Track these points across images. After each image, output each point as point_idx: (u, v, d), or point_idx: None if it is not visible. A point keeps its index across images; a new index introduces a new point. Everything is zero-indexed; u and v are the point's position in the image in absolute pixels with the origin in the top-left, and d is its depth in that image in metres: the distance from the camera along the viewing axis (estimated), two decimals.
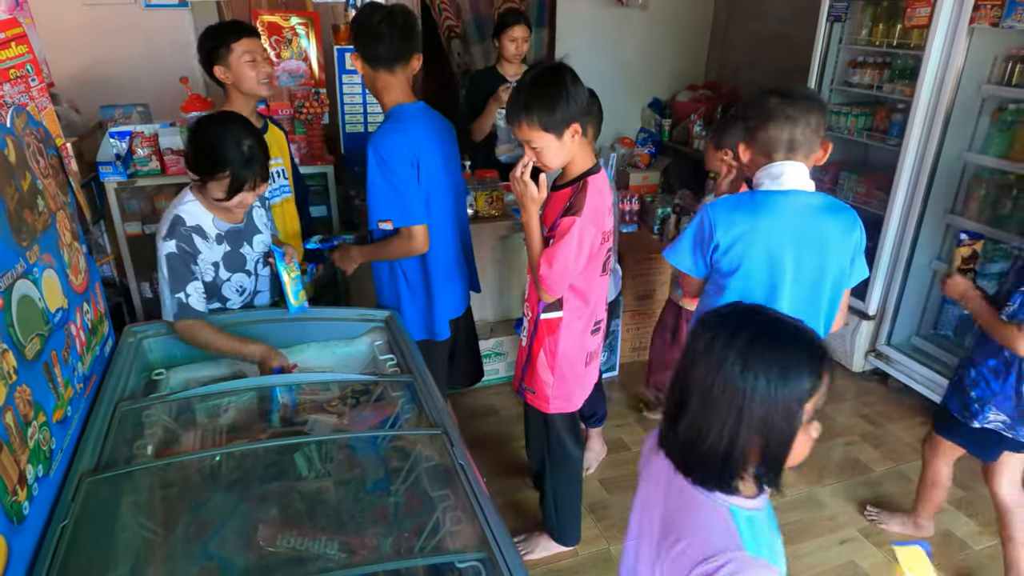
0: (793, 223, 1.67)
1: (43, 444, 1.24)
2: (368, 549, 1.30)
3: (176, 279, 1.75)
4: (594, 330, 2.01)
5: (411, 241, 2.00)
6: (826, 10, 3.35)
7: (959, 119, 2.92)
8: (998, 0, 2.59)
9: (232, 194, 1.71)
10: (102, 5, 3.76)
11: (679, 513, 1.04)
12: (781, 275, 1.70)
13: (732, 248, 1.70)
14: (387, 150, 1.93)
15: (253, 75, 2.14)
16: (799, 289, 1.72)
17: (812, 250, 1.69)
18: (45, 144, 1.55)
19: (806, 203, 1.68)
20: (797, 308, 1.72)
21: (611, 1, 4.85)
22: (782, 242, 1.68)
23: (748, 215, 1.68)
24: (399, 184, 1.95)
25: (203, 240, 1.80)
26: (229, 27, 2.18)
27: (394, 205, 1.97)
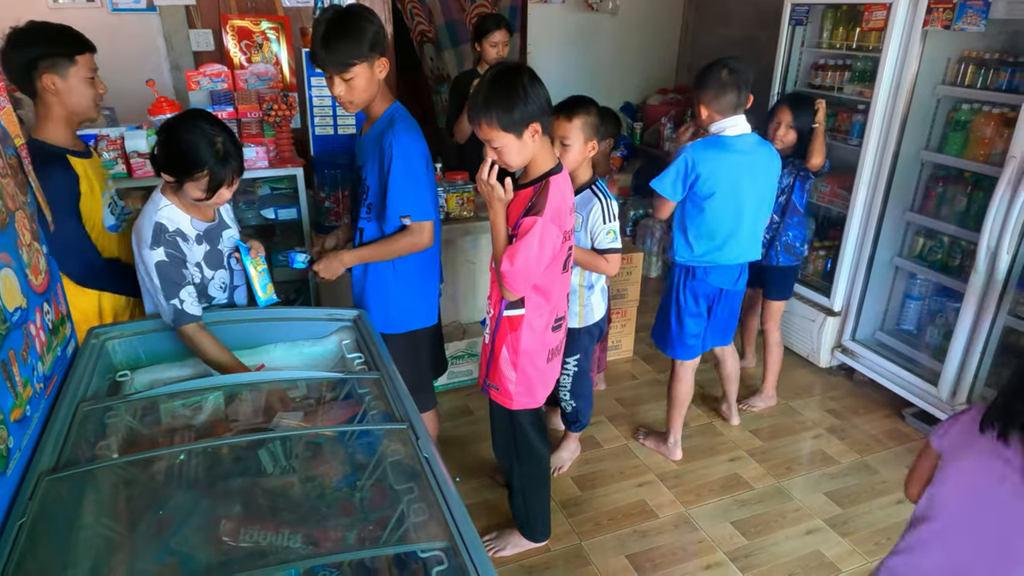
0: (746, 157, 2.40)
1: (0, 443, 1.23)
2: (332, 541, 1.30)
3: (169, 286, 1.75)
4: (555, 326, 2.03)
5: (421, 235, 2.02)
6: (788, 14, 3.43)
7: (916, 119, 3.00)
8: (949, 3, 2.68)
9: (212, 192, 1.71)
10: (69, 9, 3.73)
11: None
12: (741, 195, 2.41)
13: (708, 178, 2.36)
14: (411, 147, 1.96)
15: (92, 94, 1.95)
16: (753, 203, 2.45)
17: (758, 174, 2.44)
18: (3, 144, 1.54)
19: (751, 142, 2.42)
20: (752, 217, 2.47)
21: (581, 7, 4.91)
22: (740, 171, 2.39)
23: (718, 152, 2.37)
24: (420, 180, 1.99)
25: (185, 243, 1.80)
26: (75, 36, 1.92)
27: (415, 200, 1.99)
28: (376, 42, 1.88)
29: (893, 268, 3.30)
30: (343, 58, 1.85)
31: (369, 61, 1.89)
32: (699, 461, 2.85)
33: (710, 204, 2.41)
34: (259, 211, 2.95)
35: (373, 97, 1.98)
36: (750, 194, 2.43)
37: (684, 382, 2.75)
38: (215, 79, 2.87)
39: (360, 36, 1.84)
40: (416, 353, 2.25)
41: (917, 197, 3.15)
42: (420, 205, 2.00)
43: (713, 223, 2.44)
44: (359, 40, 1.84)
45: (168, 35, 3.95)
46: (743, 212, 2.44)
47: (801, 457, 2.88)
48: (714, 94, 2.35)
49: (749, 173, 2.41)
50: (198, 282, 1.84)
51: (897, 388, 3.15)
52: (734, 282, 2.57)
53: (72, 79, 1.89)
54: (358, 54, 1.86)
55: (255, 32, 4.05)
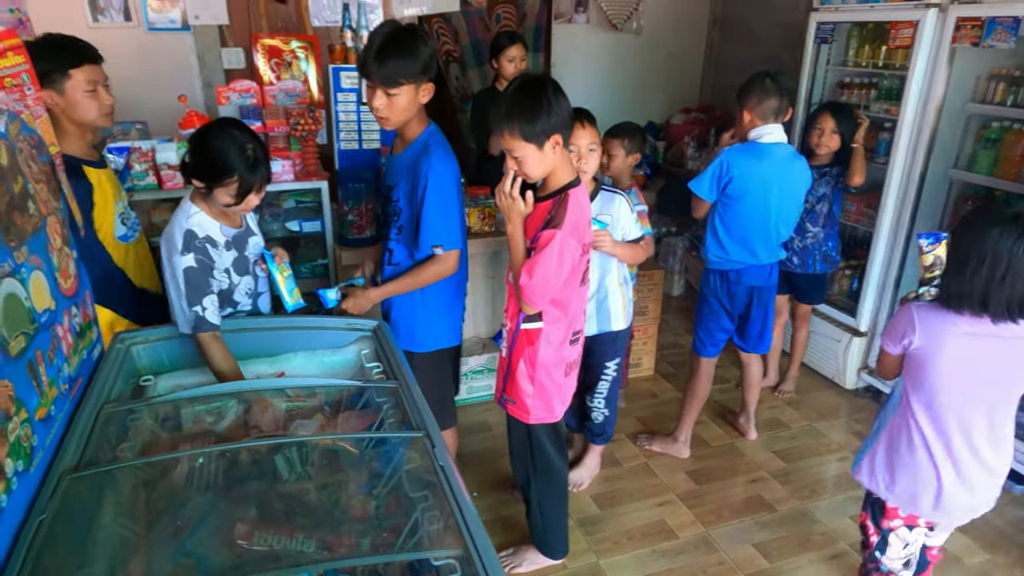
0: (778, 165, 2.52)
1: (24, 440, 1.25)
2: (345, 547, 1.30)
3: (193, 292, 1.77)
4: (573, 340, 2.02)
5: (447, 264, 2.02)
6: (813, 32, 3.42)
7: (944, 137, 2.96)
8: (978, 21, 2.65)
9: (241, 198, 1.75)
10: (107, 28, 3.86)
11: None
12: (767, 200, 2.53)
13: (740, 180, 2.50)
14: (446, 176, 1.95)
15: (94, 105, 1.93)
16: (778, 209, 2.57)
17: (788, 184, 2.56)
18: (38, 151, 1.59)
19: (784, 152, 2.55)
20: (778, 221, 2.59)
21: (605, 27, 4.95)
22: (771, 177, 2.51)
23: (753, 158, 2.51)
24: (452, 209, 1.99)
25: (215, 249, 1.84)
26: (68, 49, 1.89)
27: (447, 230, 1.98)
28: (427, 66, 1.88)
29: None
30: (394, 74, 1.83)
31: (417, 83, 1.88)
32: (720, 481, 2.80)
33: (741, 206, 2.54)
34: (284, 223, 3.00)
35: (411, 118, 1.97)
36: (777, 200, 2.55)
37: (705, 379, 2.83)
38: (244, 94, 2.94)
39: (415, 56, 1.83)
40: (440, 371, 2.25)
41: (946, 216, 3.10)
42: (451, 235, 2.00)
43: (744, 225, 2.57)
44: (414, 60, 1.83)
45: (201, 53, 4.06)
46: (769, 217, 2.56)
47: (826, 480, 2.81)
48: (757, 99, 2.49)
49: (779, 181, 2.53)
50: (226, 287, 1.87)
51: None
52: (766, 278, 2.69)
53: (70, 93, 1.88)
54: (409, 73, 1.84)
55: (285, 51, 4.14)
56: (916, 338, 1.67)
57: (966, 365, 1.64)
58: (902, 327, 1.71)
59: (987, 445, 1.71)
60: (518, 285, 1.88)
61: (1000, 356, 1.63)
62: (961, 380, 1.66)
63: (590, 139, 2.25)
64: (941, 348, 1.65)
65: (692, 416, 2.89)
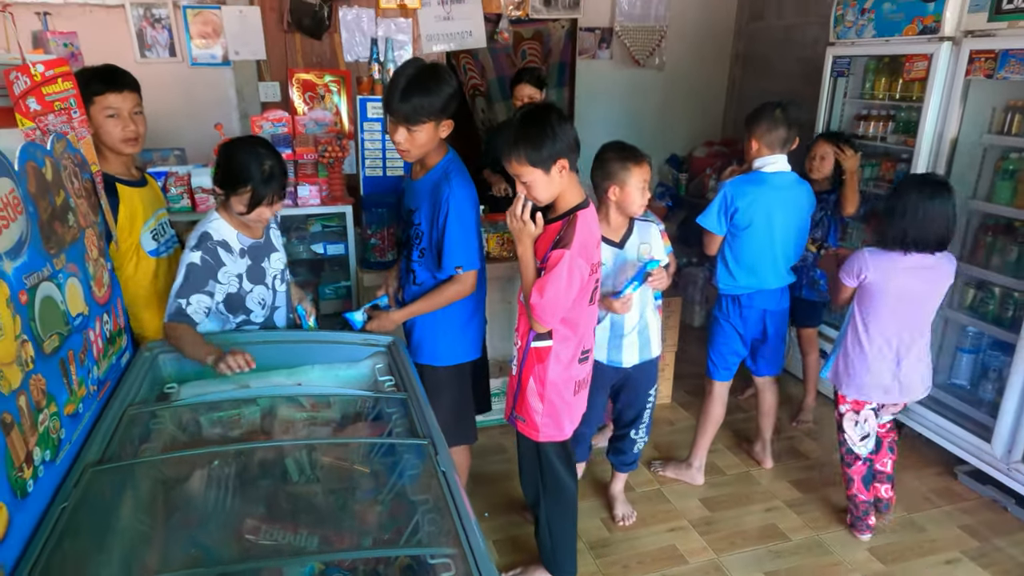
0: (781, 193, 2.58)
1: (52, 432, 1.34)
2: (347, 544, 1.35)
3: (186, 286, 1.88)
4: (582, 359, 2.06)
5: (467, 283, 2.09)
6: (830, 66, 3.48)
7: (961, 168, 2.97)
8: (991, 53, 2.68)
9: (251, 208, 1.86)
10: (154, 63, 4.09)
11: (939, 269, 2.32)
12: (774, 226, 2.58)
13: (745, 211, 2.55)
14: (465, 201, 2.03)
15: (115, 132, 2.04)
16: (783, 236, 2.62)
17: (792, 210, 2.61)
18: (81, 168, 1.72)
19: (787, 179, 2.61)
20: (784, 247, 2.64)
21: (628, 63, 5.07)
22: (775, 204, 2.57)
23: (755, 187, 2.57)
24: (471, 232, 2.06)
25: (228, 253, 1.95)
26: (96, 77, 2.03)
27: (467, 252, 2.06)
28: (448, 105, 1.96)
29: (943, 320, 3.20)
30: (416, 112, 1.91)
31: (437, 120, 1.97)
32: (734, 509, 2.78)
33: (748, 234, 2.60)
34: (309, 246, 3.12)
35: (431, 151, 2.06)
36: (782, 226, 2.61)
37: (719, 403, 2.85)
38: (276, 123, 3.08)
39: (436, 96, 1.92)
40: (460, 386, 2.30)
41: (966, 247, 3.08)
42: (470, 256, 2.08)
43: (751, 252, 2.61)
44: (435, 99, 1.92)
45: (239, 87, 4.27)
46: (776, 242, 2.62)
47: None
48: (766, 128, 2.55)
49: (783, 207, 2.60)
50: (235, 291, 1.97)
51: (949, 445, 3.01)
52: (777, 302, 2.73)
53: (94, 117, 2.01)
54: (430, 112, 1.93)
55: (318, 84, 4.34)
56: (870, 273, 2.34)
57: (903, 290, 2.33)
58: (857, 266, 2.37)
59: (917, 346, 2.40)
60: (529, 304, 1.94)
61: (923, 281, 2.33)
62: (899, 301, 2.35)
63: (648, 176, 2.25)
64: (887, 279, 2.33)
65: (706, 441, 2.88)
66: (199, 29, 4.12)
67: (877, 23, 3.16)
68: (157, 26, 4.04)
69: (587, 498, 2.80)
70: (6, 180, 1.29)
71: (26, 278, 1.31)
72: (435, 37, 4.52)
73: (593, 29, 4.94)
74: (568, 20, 4.91)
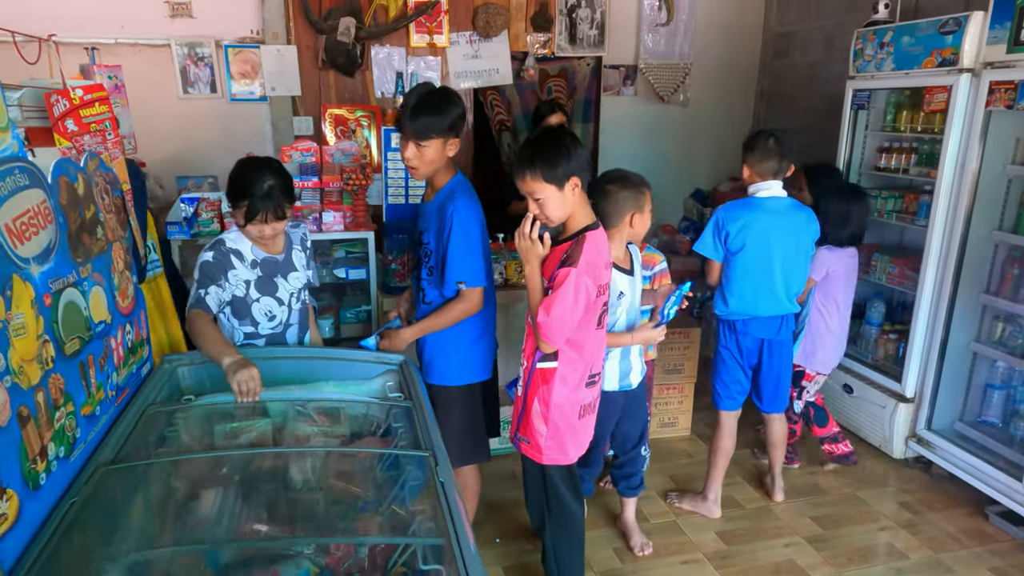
0: (775, 217, 2.58)
1: (68, 430, 1.40)
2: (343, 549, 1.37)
3: (203, 279, 2.00)
4: (589, 383, 2.06)
5: (472, 300, 2.14)
6: (850, 99, 3.49)
7: (985, 199, 2.93)
8: (1011, 84, 2.67)
9: (247, 221, 1.95)
10: (195, 99, 4.30)
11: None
12: (770, 251, 2.57)
13: (738, 235, 2.56)
14: (468, 217, 2.10)
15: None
16: (782, 260, 2.59)
17: (789, 234, 2.59)
18: (112, 186, 1.83)
19: (782, 204, 2.61)
20: (784, 273, 2.61)
21: (652, 99, 5.14)
22: (770, 228, 2.56)
23: (747, 212, 2.59)
24: (476, 248, 2.12)
25: (239, 261, 2.05)
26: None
27: (471, 268, 2.12)
28: (455, 124, 2.08)
29: (971, 354, 3.12)
30: (424, 130, 2.02)
31: (444, 138, 2.07)
32: (751, 544, 2.71)
33: (740, 259, 2.58)
34: (332, 270, 3.21)
35: (439, 169, 2.15)
36: (780, 251, 2.57)
37: (728, 433, 2.80)
38: (305, 153, 3.22)
39: (444, 115, 2.04)
40: (470, 406, 2.33)
41: (993, 279, 3.02)
42: (474, 272, 2.13)
43: (744, 277, 2.58)
44: (442, 118, 2.04)
45: (275, 121, 4.46)
46: (773, 267, 2.57)
47: (865, 548, 2.68)
48: (759, 157, 2.58)
49: (780, 231, 2.57)
50: (240, 296, 2.05)
51: (979, 484, 2.90)
52: (776, 332, 2.68)
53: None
54: (438, 129, 2.04)
55: (350, 119, 4.52)
56: (831, 267, 2.90)
57: (847, 276, 2.95)
58: (824, 264, 2.89)
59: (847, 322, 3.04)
60: (536, 323, 1.96)
61: (854, 268, 2.99)
62: (844, 285, 2.96)
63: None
64: (840, 269, 2.92)
65: (718, 472, 2.83)
66: (239, 67, 4.33)
67: (896, 56, 3.17)
68: (200, 64, 4.27)
69: (599, 527, 2.76)
70: (38, 191, 1.38)
71: (52, 282, 1.39)
72: (463, 74, 4.67)
73: (618, 66, 5.04)
74: (593, 58, 5.02)
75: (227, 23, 4.27)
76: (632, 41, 5.01)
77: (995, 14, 2.72)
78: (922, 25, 3.03)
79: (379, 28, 4.38)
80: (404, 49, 4.49)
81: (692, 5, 5.02)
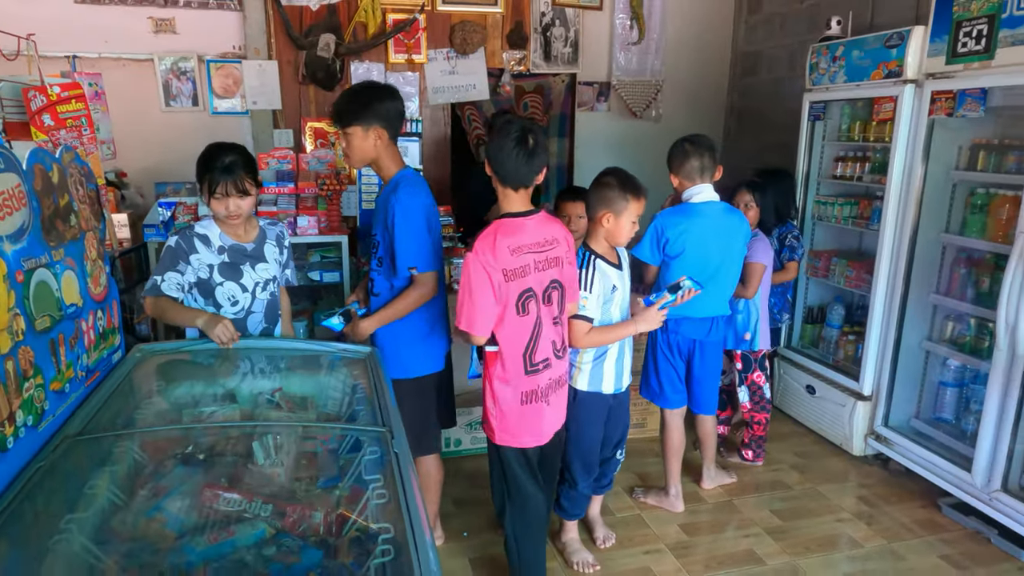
0: (710, 222, 2.65)
1: (36, 401, 1.47)
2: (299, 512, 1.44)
3: (161, 265, 2.11)
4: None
5: (428, 285, 2.23)
6: (807, 110, 3.65)
7: (932, 204, 3.07)
8: (950, 93, 2.83)
9: (210, 196, 2.06)
10: (178, 112, 4.40)
11: None
12: (707, 255, 2.63)
13: (676, 240, 2.62)
14: (410, 204, 2.19)
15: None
16: (718, 263, 2.66)
17: (723, 238, 2.67)
18: (87, 179, 1.91)
19: (716, 209, 2.69)
20: (719, 275, 2.67)
21: (625, 115, 5.30)
22: (707, 233, 2.63)
23: (683, 218, 2.65)
24: (422, 234, 2.21)
25: (204, 246, 2.15)
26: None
27: (419, 252, 2.20)
28: (378, 114, 2.18)
29: (924, 352, 3.24)
30: (341, 115, 2.19)
31: (364, 126, 2.18)
32: (712, 535, 2.78)
33: (679, 263, 2.65)
34: (307, 274, 3.29)
35: (368, 159, 2.25)
36: (716, 254, 2.66)
37: (674, 430, 2.87)
38: (282, 160, 3.32)
39: (366, 104, 2.18)
40: (423, 397, 2.40)
41: (942, 280, 3.15)
42: (424, 257, 2.22)
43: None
44: (363, 107, 2.17)
45: (256, 134, 4.56)
46: (710, 270, 2.63)
47: (822, 538, 2.76)
48: (679, 163, 2.72)
49: (716, 235, 2.65)
50: (205, 278, 2.14)
51: (932, 477, 3.00)
52: (706, 333, 2.76)
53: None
54: (355, 117, 2.18)
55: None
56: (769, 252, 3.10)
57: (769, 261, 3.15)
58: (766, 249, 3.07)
59: None
60: None
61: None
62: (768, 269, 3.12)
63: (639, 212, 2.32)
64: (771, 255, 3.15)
65: (675, 468, 2.90)
66: (221, 82, 4.44)
67: (847, 69, 3.34)
68: (182, 78, 4.38)
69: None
70: (12, 175, 1.47)
71: (24, 261, 1.47)
72: (441, 90, 4.81)
73: (592, 83, 5.20)
74: (568, 75, 5.19)
75: (210, 39, 4.39)
76: (605, 59, 5.18)
77: (935, 28, 2.89)
78: (870, 40, 3.20)
79: (358, 44, 4.52)
80: (383, 65, 4.64)
81: (663, 25, 5.21)
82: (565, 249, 2.14)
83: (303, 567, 1.32)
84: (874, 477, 3.25)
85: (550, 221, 2.14)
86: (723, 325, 2.83)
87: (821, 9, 4.25)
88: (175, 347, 2.22)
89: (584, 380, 2.40)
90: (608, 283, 2.31)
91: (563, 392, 2.24)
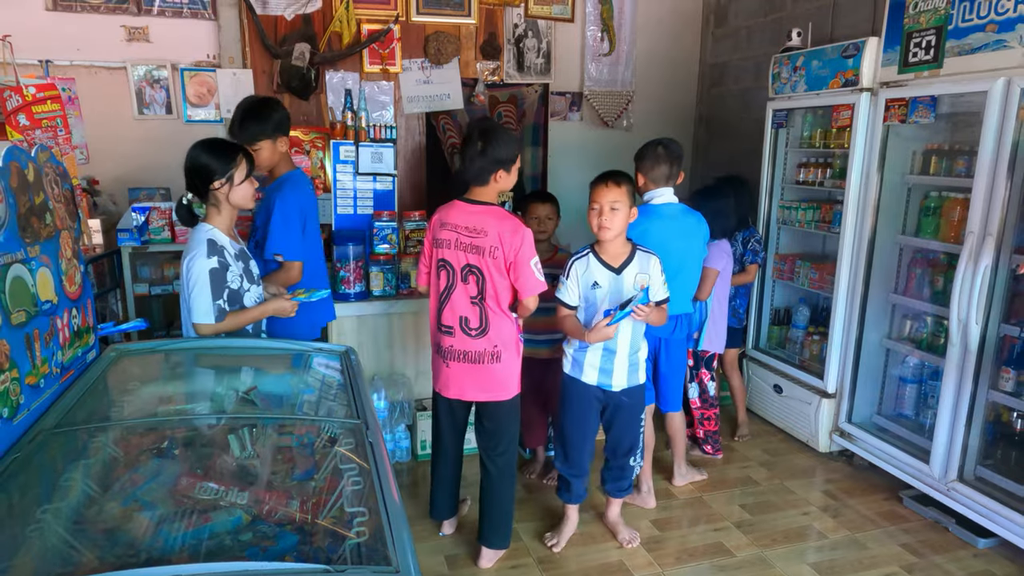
0: (671, 223, 2.74)
1: (11, 394, 1.48)
2: (275, 499, 1.47)
3: (216, 288, 2.12)
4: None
5: (291, 272, 2.49)
6: (770, 118, 3.78)
7: (888, 206, 3.20)
8: (903, 101, 2.96)
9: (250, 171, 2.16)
10: (151, 120, 4.40)
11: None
12: (668, 255, 2.61)
13: (639, 239, 2.55)
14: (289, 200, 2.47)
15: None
16: (679, 263, 2.73)
17: (683, 238, 2.76)
18: (62, 179, 1.93)
19: (676, 210, 2.78)
20: (680, 274, 2.74)
21: (597, 124, 5.41)
22: (668, 233, 2.71)
23: (645, 219, 2.67)
24: (294, 226, 2.45)
25: (229, 257, 2.19)
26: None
27: (287, 242, 2.45)
28: (280, 125, 2.47)
29: (884, 350, 3.36)
30: (251, 137, 2.41)
31: (273, 138, 2.46)
32: (683, 529, 2.85)
33: None
34: None
35: (276, 164, 2.55)
36: (677, 254, 2.72)
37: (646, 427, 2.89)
38: None
39: (267, 120, 2.43)
40: None
41: (900, 280, 3.27)
42: (291, 247, 2.45)
43: None
44: (266, 123, 2.42)
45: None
46: (671, 270, 2.64)
47: (789, 531, 2.84)
48: (650, 165, 2.78)
49: (676, 236, 2.74)
50: (236, 288, 2.19)
51: (893, 470, 3.11)
52: (671, 332, 2.84)
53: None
54: (263, 134, 2.43)
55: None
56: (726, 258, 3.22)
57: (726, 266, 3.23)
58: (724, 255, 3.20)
59: None
60: None
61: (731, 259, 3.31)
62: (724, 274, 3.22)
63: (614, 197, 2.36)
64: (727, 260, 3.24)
65: (647, 466, 2.96)
66: (195, 90, 4.45)
67: (808, 78, 3.47)
68: (156, 86, 4.37)
69: (534, 519, 2.87)
70: None
71: (0, 256, 1.49)
72: (415, 99, 4.87)
73: (564, 93, 5.31)
74: (541, 85, 5.28)
75: (184, 47, 4.40)
76: (577, 70, 5.29)
77: (887, 39, 3.02)
78: (828, 50, 3.33)
79: (333, 54, 4.57)
80: (358, 74, 4.68)
81: (633, 37, 5.34)
82: (492, 244, 2.28)
83: (279, 551, 1.35)
84: (839, 472, 3.35)
85: (491, 215, 2.30)
86: (686, 323, 2.91)
87: (784, 22, 4.41)
88: (150, 347, 2.24)
89: (568, 364, 2.58)
90: (589, 278, 2.43)
91: (478, 370, 2.40)
